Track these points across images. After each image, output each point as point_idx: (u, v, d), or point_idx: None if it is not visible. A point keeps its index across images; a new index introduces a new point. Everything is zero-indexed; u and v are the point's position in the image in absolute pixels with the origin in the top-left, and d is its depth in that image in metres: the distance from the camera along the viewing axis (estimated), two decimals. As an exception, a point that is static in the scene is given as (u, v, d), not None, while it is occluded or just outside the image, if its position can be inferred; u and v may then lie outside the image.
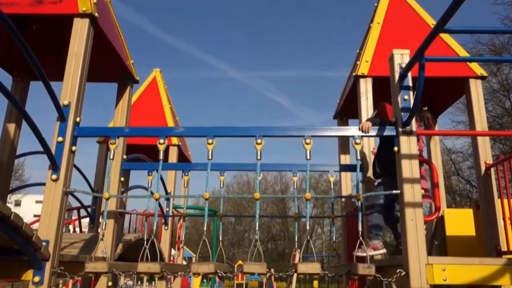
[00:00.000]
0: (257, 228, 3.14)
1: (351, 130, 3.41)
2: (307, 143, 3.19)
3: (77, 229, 8.06)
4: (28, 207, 47.58)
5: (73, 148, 3.24)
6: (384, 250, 3.71)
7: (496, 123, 19.49)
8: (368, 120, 3.74)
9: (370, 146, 4.20)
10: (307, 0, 64.47)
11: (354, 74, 4.54)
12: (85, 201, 7.23)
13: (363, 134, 3.35)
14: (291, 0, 64.74)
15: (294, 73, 67.98)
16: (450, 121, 21.07)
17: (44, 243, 2.85)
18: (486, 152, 4.19)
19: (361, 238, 3.07)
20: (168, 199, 6.58)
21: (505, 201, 3.68)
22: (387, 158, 3.80)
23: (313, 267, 2.81)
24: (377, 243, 3.72)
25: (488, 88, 19.00)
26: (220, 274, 2.83)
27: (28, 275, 2.87)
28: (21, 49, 2.65)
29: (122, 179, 4.22)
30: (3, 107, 4.32)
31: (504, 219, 3.76)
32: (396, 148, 3.15)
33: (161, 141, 3.23)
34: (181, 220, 7.46)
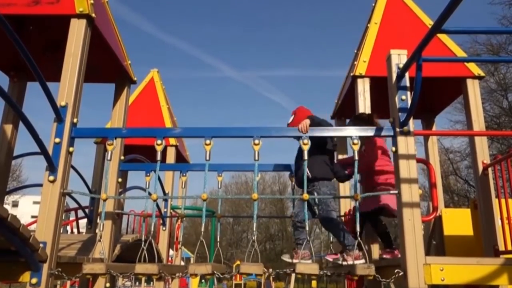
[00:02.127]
0: (254, 229, 3.13)
1: (348, 131, 3.40)
2: (304, 144, 3.19)
3: (75, 230, 8.04)
4: (25, 208, 47.46)
5: (71, 149, 3.22)
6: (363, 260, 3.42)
7: (494, 123, 19.56)
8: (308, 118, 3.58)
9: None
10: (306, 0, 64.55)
11: (351, 74, 4.54)
12: (83, 201, 7.22)
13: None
14: None
15: (292, 73, 68.09)
16: (447, 121, 21.16)
17: (41, 245, 2.84)
18: (483, 152, 4.19)
19: (359, 239, 3.07)
20: (166, 200, 6.58)
21: (503, 201, 3.69)
22: (320, 160, 3.75)
23: (311, 268, 2.81)
24: (357, 252, 3.42)
25: (485, 88, 19.07)
26: (217, 275, 2.83)
27: (26, 276, 2.86)
28: (18, 50, 2.64)
29: (120, 180, 4.21)
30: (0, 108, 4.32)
31: (501, 219, 3.77)
32: (393, 149, 3.15)
33: (159, 142, 3.22)
34: (179, 220, 7.46)
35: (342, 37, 61.84)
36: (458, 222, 4.72)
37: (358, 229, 3.09)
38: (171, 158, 7.40)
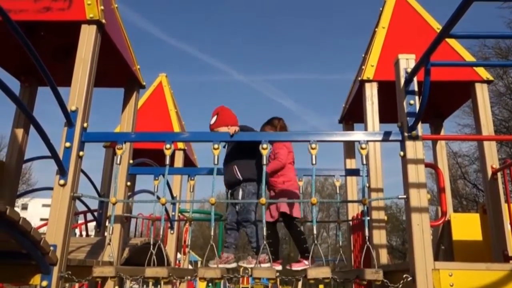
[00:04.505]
0: (264, 233, 3.14)
1: (357, 135, 3.40)
2: (312, 148, 3.19)
3: (83, 233, 8.10)
4: (35, 211, 47.85)
5: (81, 153, 3.26)
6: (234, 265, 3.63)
7: (503, 127, 19.40)
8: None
9: (376, 151, 4.19)
10: (314, 3, 64.62)
11: (359, 78, 4.53)
12: (91, 204, 7.28)
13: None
14: (298, 3, 64.94)
15: (300, 76, 68.12)
16: (456, 125, 21.00)
17: (52, 248, 2.87)
18: (492, 156, 4.17)
19: (368, 243, 3.07)
20: (174, 204, 6.60)
21: (512, 205, 3.67)
22: (249, 163, 3.83)
23: (323, 272, 2.81)
24: (264, 256, 3.50)
25: (494, 91, 18.94)
26: (226, 278, 2.85)
27: (36, 279, 2.90)
28: (30, 56, 2.68)
29: (129, 183, 4.24)
30: (11, 113, 4.37)
31: (511, 223, 3.74)
32: (401, 153, 3.15)
33: (168, 146, 3.25)
34: (187, 224, 7.48)
35: (352, 40, 61.72)
36: (467, 227, 4.69)
37: (366, 233, 3.08)
38: (179, 162, 7.43)
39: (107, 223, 4.82)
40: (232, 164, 3.91)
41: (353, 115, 5.45)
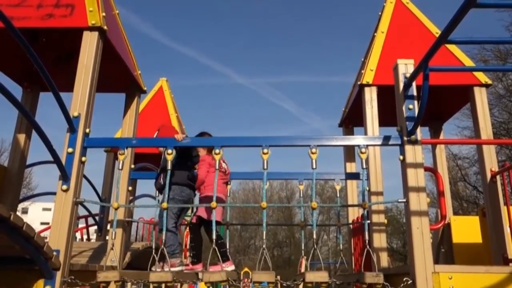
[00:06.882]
0: (264, 237, 3.17)
1: (356, 140, 3.43)
2: (313, 153, 3.22)
3: (84, 237, 8.11)
4: (35, 215, 47.77)
5: (83, 158, 3.29)
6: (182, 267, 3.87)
7: (503, 129, 19.43)
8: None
9: (375, 155, 4.22)
10: (315, 6, 64.83)
11: (359, 83, 4.57)
12: (92, 208, 7.30)
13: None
14: (299, 6, 65.14)
15: (301, 79, 68.12)
16: (455, 127, 21.06)
17: (55, 253, 2.89)
18: (491, 159, 4.19)
19: (368, 247, 3.09)
20: (175, 208, 6.61)
21: (511, 208, 3.69)
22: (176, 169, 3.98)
23: (321, 276, 2.84)
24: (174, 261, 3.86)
25: (494, 94, 18.98)
26: (231, 282, 2.88)
27: (40, 284, 2.91)
28: (33, 62, 2.71)
29: (130, 188, 4.27)
30: (13, 117, 4.40)
31: (510, 226, 3.76)
32: (401, 157, 3.18)
33: (169, 151, 3.28)
34: (188, 228, 7.49)
35: (352, 43, 61.76)
36: (467, 229, 4.71)
37: (366, 237, 3.10)
38: (180, 166, 7.43)
39: (108, 227, 4.83)
40: (161, 172, 4.20)
41: (353, 118, 5.48)
